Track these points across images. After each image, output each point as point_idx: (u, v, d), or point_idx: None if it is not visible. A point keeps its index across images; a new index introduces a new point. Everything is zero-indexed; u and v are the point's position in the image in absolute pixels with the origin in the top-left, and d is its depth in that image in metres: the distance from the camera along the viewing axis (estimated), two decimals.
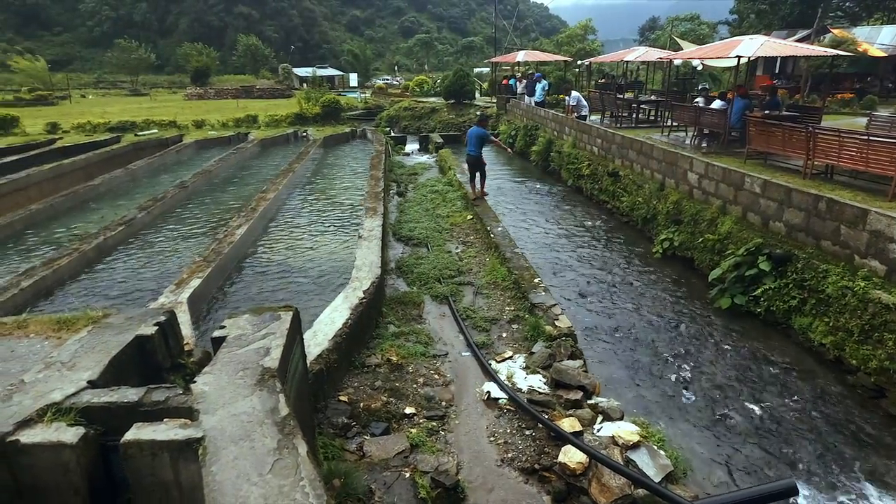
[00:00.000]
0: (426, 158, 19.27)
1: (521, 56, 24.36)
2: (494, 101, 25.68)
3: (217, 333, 3.35)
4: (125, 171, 14.25)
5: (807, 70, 17.64)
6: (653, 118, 14.93)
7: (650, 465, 4.04)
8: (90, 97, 45.59)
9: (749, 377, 5.96)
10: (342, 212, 11.07)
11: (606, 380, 5.81)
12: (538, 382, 5.23)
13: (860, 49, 18.61)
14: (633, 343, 6.70)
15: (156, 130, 21.74)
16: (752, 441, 4.96)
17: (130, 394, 2.67)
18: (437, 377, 5.43)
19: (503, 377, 5.34)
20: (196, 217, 10.76)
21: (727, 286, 7.40)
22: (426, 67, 72.82)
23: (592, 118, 15.50)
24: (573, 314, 7.19)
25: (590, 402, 4.91)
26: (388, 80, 52.90)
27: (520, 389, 5.11)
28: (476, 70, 45.92)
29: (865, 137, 6.93)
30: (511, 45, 51.97)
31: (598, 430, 4.46)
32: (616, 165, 12.26)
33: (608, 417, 4.67)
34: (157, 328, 3.40)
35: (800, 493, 4.14)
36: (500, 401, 4.98)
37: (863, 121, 11.17)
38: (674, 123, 12.77)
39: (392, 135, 23.47)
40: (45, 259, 7.54)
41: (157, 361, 3.39)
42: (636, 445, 4.19)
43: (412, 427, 4.54)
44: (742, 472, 4.58)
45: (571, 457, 4.05)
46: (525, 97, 20.94)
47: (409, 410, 4.76)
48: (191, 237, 9.49)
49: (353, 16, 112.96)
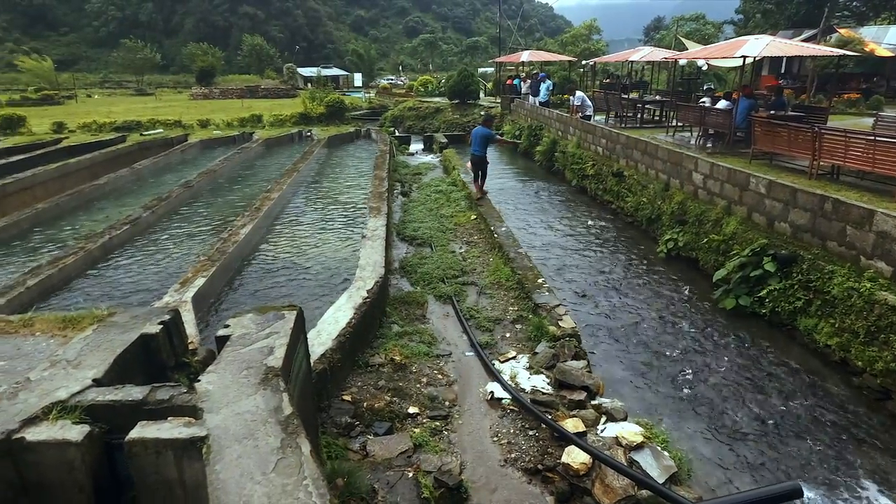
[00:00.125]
0: (430, 158, 19.27)
1: (526, 56, 24.36)
2: (499, 101, 25.66)
3: (221, 332, 3.37)
4: (130, 171, 14.33)
5: (813, 70, 17.51)
6: (657, 118, 14.87)
7: (654, 466, 4.02)
8: (96, 97, 45.87)
9: (754, 378, 5.93)
10: (346, 211, 11.09)
11: (610, 380, 5.80)
12: (542, 383, 5.22)
13: (867, 49, 18.50)
14: (637, 344, 6.67)
15: (161, 130, 21.83)
16: (757, 442, 4.93)
17: (135, 392, 2.69)
18: (441, 377, 5.43)
19: (506, 377, 5.33)
20: (201, 216, 10.80)
21: (732, 287, 7.37)
22: (430, 67, 72.70)
23: (597, 118, 15.44)
24: (577, 314, 7.17)
25: (593, 403, 4.90)
26: (393, 80, 52.85)
27: (523, 390, 5.11)
28: (480, 70, 45.97)
29: (872, 137, 6.89)
30: (515, 45, 51.84)
31: (602, 431, 4.45)
32: (620, 165, 12.23)
33: (612, 418, 4.65)
34: (162, 327, 3.42)
35: (804, 496, 4.12)
36: (504, 401, 4.98)
37: (869, 121, 11.09)
38: (679, 123, 12.74)
39: (396, 135, 23.47)
40: (51, 258, 7.59)
41: (162, 360, 3.41)
42: (640, 446, 4.17)
43: (415, 427, 4.54)
44: (746, 474, 4.55)
45: (575, 457, 4.04)
46: (529, 97, 20.91)
47: (413, 410, 4.75)
48: (195, 236, 9.52)
49: (358, 16, 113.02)
